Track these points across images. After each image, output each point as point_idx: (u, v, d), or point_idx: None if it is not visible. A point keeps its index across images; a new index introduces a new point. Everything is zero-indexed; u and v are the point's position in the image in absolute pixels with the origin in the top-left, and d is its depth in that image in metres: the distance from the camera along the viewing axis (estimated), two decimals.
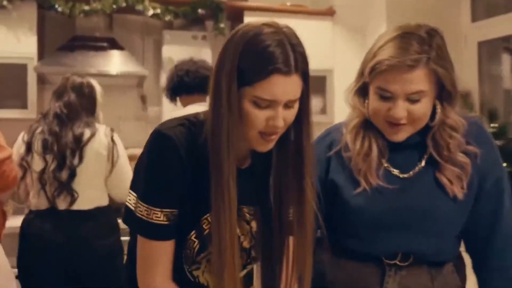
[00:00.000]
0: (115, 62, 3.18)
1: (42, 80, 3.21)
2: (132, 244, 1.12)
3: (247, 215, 1.13)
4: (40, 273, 2.24)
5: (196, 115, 1.08)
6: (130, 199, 1.06)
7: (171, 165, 1.01)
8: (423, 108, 1.18)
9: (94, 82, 2.51)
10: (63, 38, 3.23)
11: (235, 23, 3.50)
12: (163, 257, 1.05)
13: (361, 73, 1.26)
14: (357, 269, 1.28)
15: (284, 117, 1.00)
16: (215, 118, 1.00)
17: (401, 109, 1.17)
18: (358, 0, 3.47)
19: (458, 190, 1.20)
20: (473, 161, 1.22)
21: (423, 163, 1.25)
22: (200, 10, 3.20)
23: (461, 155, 1.21)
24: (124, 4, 3.09)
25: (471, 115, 1.30)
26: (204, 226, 1.06)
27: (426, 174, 1.24)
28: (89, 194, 2.34)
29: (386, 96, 1.19)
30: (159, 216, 1.02)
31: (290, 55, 0.97)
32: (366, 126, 1.28)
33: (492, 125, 3.34)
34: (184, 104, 2.48)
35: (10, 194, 2.22)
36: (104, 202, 2.42)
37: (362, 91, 1.27)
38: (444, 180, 1.20)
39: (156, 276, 1.04)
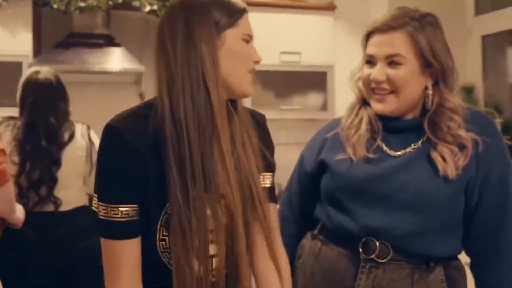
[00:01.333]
0: (112, 59, 3.13)
1: None
2: None
3: None
4: (22, 274, 2.19)
5: (147, 102, 1.05)
6: (94, 203, 1.01)
7: (122, 157, 0.96)
8: (403, 73, 1.21)
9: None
10: (60, 35, 3.18)
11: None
12: (127, 257, 0.98)
13: (362, 61, 1.32)
14: (334, 260, 1.24)
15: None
16: (194, 80, 0.97)
17: (379, 71, 1.23)
18: None
19: (450, 170, 1.16)
20: (474, 146, 1.18)
21: (419, 144, 1.24)
22: None
23: (463, 132, 1.19)
24: (120, 0, 3.04)
25: (477, 108, 1.30)
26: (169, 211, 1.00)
27: (420, 154, 1.22)
28: (68, 195, 2.29)
29: (370, 61, 1.27)
30: (117, 213, 0.97)
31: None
32: (362, 105, 1.33)
33: (496, 120, 3.28)
34: None
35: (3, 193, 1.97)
36: (83, 202, 2.37)
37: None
38: (438, 158, 1.18)
39: (121, 279, 0.98)
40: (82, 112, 3.40)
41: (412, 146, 1.24)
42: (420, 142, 1.24)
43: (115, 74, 3.13)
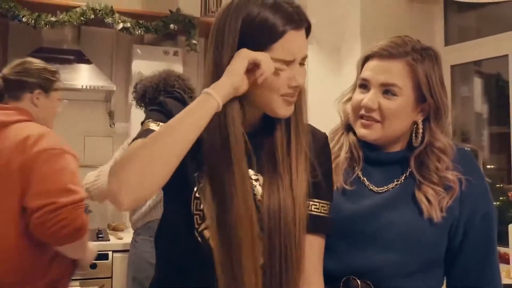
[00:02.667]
0: (82, 76, 3.06)
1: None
2: (160, 247, 1.10)
3: (251, 179, 1.02)
4: None
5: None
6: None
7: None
8: (396, 106, 1.17)
9: None
10: (28, 49, 3.09)
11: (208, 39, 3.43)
12: None
13: (355, 80, 1.27)
14: None
15: (302, 75, 0.99)
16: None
17: (372, 99, 1.17)
18: (332, 21, 3.44)
19: (435, 212, 1.13)
20: (460, 187, 1.16)
21: (402, 180, 1.20)
22: (172, 26, 3.11)
23: (451, 173, 1.15)
24: (92, 16, 2.98)
25: (461, 144, 1.26)
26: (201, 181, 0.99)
27: (404, 192, 1.18)
28: None
29: (364, 85, 1.21)
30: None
31: (293, 11, 0.97)
32: (345, 131, 1.28)
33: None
34: None
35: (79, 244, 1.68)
36: None
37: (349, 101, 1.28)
38: (423, 200, 1.14)
39: None
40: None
41: (395, 182, 1.20)
42: (403, 177, 1.20)
43: (85, 91, 3.06)
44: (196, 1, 3.34)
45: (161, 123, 1.01)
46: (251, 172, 1.02)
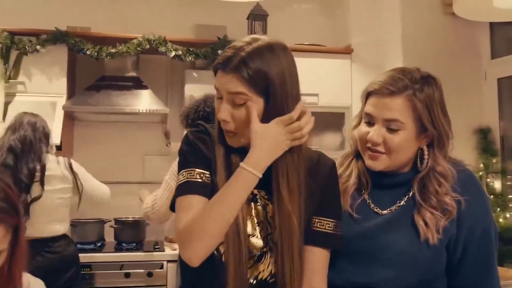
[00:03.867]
0: (139, 101, 3.33)
1: (71, 118, 3.40)
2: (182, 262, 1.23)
3: (264, 199, 1.18)
4: None
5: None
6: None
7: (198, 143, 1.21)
8: (399, 140, 1.23)
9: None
10: (93, 77, 3.42)
11: None
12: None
13: (361, 108, 1.34)
14: None
15: (233, 114, 1.13)
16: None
17: (377, 134, 1.24)
18: (375, 39, 3.52)
19: (432, 235, 1.20)
20: (458, 208, 1.22)
21: (402, 202, 1.27)
22: (220, 51, 3.33)
23: (449, 197, 1.22)
24: (148, 47, 3.25)
25: (461, 164, 1.31)
26: None
27: (404, 214, 1.25)
28: (49, 227, 2.53)
29: (369, 121, 1.27)
30: (193, 175, 1.16)
31: (232, 57, 1.11)
32: (355, 157, 1.36)
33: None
34: None
35: None
36: (63, 231, 2.63)
37: (358, 126, 1.35)
38: (421, 223, 1.21)
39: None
40: (112, 148, 3.63)
41: (398, 204, 1.27)
42: (405, 198, 1.27)
43: (143, 115, 3.32)
44: (243, 27, 3.54)
45: (200, 170, 1.18)
46: (262, 193, 1.17)
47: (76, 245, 2.86)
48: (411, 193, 1.27)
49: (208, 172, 1.17)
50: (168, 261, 3.00)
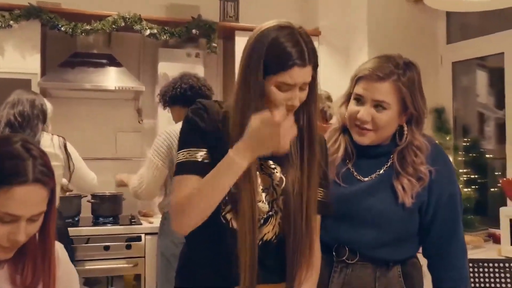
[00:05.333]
0: (113, 78, 3.37)
1: (44, 94, 3.39)
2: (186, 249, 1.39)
3: (270, 168, 1.31)
4: None
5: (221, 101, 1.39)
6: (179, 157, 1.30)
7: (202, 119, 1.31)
8: (385, 118, 1.44)
9: (45, 100, 2.73)
10: (64, 54, 3.41)
11: (228, 42, 3.72)
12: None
13: (349, 89, 1.53)
14: None
15: (299, 97, 1.25)
16: (244, 104, 1.24)
17: (366, 113, 1.44)
18: (342, 22, 3.70)
19: (407, 199, 1.42)
20: (429, 177, 1.45)
21: (381, 171, 1.48)
22: (194, 30, 3.41)
23: (424, 167, 1.45)
24: (123, 24, 3.29)
25: (431, 139, 1.54)
26: None
27: (383, 181, 1.46)
28: None
29: (358, 99, 1.47)
30: (192, 155, 1.28)
31: (305, 51, 1.22)
32: (342, 131, 1.55)
33: (465, 139, 3.60)
34: (175, 115, 2.71)
35: None
36: None
37: (346, 104, 1.54)
38: (399, 187, 1.44)
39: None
40: (85, 125, 3.65)
41: (377, 172, 1.48)
42: (384, 167, 1.48)
43: (117, 92, 3.37)
44: (215, 7, 3.62)
45: (198, 149, 1.29)
46: (270, 162, 1.31)
47: (65, 220, 2.91)
48: (389, 163, 1.48)
49: (205, 150, 1.28)
50: (146, 234, 3.11)
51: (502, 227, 2.72)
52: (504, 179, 2.97)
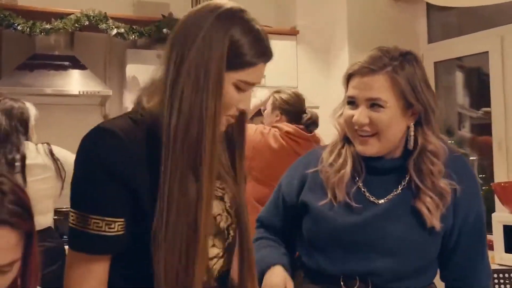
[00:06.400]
0: (77, 82, 3.11)
1: None
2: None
3: (219, 190, 1.07)
4: None
5: (135, 112, 0.99)
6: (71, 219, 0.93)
7: (112, 159, 0.90)
8: (385, 117, 1.20)
9: (29, 105, 2.48)
10: (22, 56, 3.13)
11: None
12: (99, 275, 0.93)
13: (344, 98, 1.29)
14: None
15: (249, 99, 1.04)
16: (197, 103, 0.93)
17: (361, 115, 1.21)
18: (320, 21, 3.55)
19: (436, 221, 1.20)
20: (452, 193, 1.23)
21: (399, 190, 1.25)
22: (165, 30, 3.18)
23: (443, 181, 1.22)
24: (87, 23, 3.03)
25: (455, 149, 1.31)
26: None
27: (401, 202, 1.23)
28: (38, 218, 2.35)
29: (352, 102, 1.24)
30: (100, 226, 0.89)
31: (269, 44, 1.02)
32: (345, 144, 1.32)
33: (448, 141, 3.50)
34: None
35: None
36: (48, 223, 2.44)
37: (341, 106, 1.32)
38: (424, 209, 1.20)
39: None
40: (46, 134, 3.35)
41: (394, 192, 1.25)
42: (400, 188, 1.25)
43: (82, 97, 3.10)
44: (186, 5, 3.40)
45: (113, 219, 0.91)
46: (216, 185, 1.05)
47: (62, 237, 2.65)
48: (406, 179, 1.25)
49: (122, 220, 0.92)
50: None
51: (495, 234, 2.61)
52: (496, 183, 2.87)
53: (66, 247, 2.52)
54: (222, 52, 0.94)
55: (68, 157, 2.52)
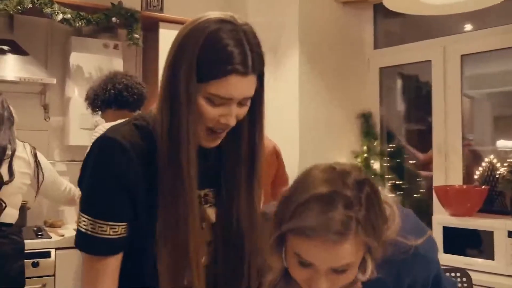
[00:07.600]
0: (16, 67, 2.91)
1: None
2: None
3: (203, 199, 1.06)
4: None
5: (141, 117, 1.04)
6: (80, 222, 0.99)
7: (120, 170, 0.96)
8: (350, 276, 1.01)
9: None
10: None
11: (150, 33, 3.40)
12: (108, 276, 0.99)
13: (277, 224, 1.01)
14: None
15: (237, 114, 0.99)
16: (173, 114, 0.96)
17: (324, 283, 0.99)
18: (272, 21, 3.54)
19: None
20: None
21: None
22: (114, 19, 3.05)
23: None
24: (30, 6, 2.84)
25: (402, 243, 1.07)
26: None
27: None
28: (7, 210, 2.31)
29: (306, 264, 0.99)
30: (105, 230, 0.97)
31: (248, 56, 0.95)
32: (286, 280, 1.08)
33: (390, 145, 3.62)
34: (110, 118, 2.40)
35: None
36: (14, 219, 2.39)
37: (279, 243, 1.03)
38: None
39: None
40: None
41: None
42: None
43: (20, 84, 2.92)
44: None
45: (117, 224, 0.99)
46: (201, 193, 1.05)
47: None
48: None
49: (125, 224, 0.99)
50: (56, 249, 2.71)
51: (435, 235, 2.72)
52: (438, 186, 3.00)
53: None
54: (191, 63, 0.94)
55: (48, 165, 2.53)
